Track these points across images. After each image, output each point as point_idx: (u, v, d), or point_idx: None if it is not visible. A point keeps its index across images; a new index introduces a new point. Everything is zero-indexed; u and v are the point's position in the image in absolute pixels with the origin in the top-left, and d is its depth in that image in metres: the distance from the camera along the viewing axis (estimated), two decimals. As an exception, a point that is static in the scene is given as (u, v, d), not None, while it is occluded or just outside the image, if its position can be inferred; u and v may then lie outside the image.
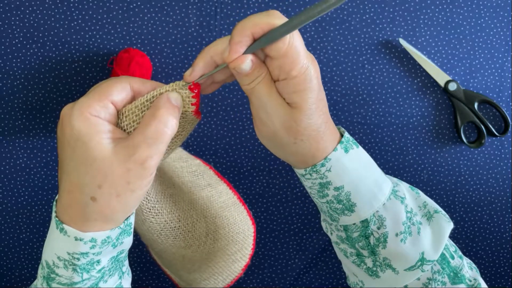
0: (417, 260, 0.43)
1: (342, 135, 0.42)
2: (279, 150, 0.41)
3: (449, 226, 0.45)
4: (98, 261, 0.39)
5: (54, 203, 0.39)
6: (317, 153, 0.40)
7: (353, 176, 0.42)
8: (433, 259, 0.43)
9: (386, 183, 0.44)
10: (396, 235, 0.43)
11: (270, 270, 0.68)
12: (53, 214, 0.39)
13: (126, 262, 0.45)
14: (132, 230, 0.41)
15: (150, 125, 0.35)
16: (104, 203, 0.36)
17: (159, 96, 0.37)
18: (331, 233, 0.46)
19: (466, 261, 0.47)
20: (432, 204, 0.46)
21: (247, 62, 0.36)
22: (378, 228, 0.43)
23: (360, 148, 0.43)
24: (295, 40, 0.36)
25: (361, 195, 0.42)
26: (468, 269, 0.46)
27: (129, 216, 0.40)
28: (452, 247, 0.46)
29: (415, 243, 0.43)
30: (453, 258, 0.45)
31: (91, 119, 0.35)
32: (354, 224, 0.43)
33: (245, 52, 0.36)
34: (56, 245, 0.38)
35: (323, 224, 0.48)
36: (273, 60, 0.37)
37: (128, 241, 0.41)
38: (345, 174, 0.41)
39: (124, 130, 0.37)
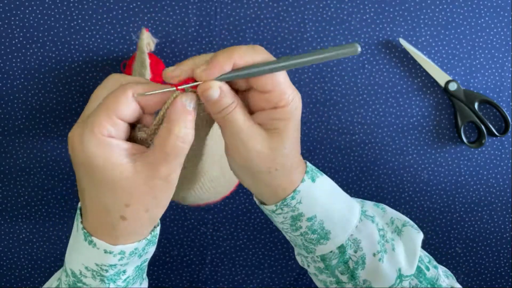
0: (395, 277, 0.43)
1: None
2: (251, 181, 0.41)
3: (419, 236, 0.45)
4: (124, 271, 0.39)
5: (78, 211, 0.39)
6: (288, 186, 0.40)
7: (324, 204, 0.42)
8: (410, 274, 0.43)
9: (355, 205, 0.44)
10: (374, 255, 0.43)
11: (270, 270, 0.68)
12: (79, 225, 0.38)
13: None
14: (157, 239, 0.41)
15: (167, 141, 0.35)
16: (134, 220, 0.37)
17: (173, 106, 0.36)
18: (308, 266, 0.46)
19: (442, 270, 0.47)
20: (399, 217, 0.47)
21: (216, 89, 0.36)
22: (355, 252, 0.43)
23: (324, 175, 0.43)
24: (280, 76, 0.37)
25: (334, 222, 0.42)
26: (445, 278, 0.46)
27: (156, 227, 0.40)
28: (426, 258, 0.46)
29: (391, 261, 0.43)
30: (428, 269, 0.45)
31: (104, 141, 0.34)
32: (331, 252, 0.43)
33: (220, 79, 0.36)
34: (84, 256, 0.38)
35: (298, 258, 0.48)
36: (260, 93, 0.37)
37: (152, 250, 0.41)
38: (316, 203, 0.41)
39: (146, 141, 0.37)
